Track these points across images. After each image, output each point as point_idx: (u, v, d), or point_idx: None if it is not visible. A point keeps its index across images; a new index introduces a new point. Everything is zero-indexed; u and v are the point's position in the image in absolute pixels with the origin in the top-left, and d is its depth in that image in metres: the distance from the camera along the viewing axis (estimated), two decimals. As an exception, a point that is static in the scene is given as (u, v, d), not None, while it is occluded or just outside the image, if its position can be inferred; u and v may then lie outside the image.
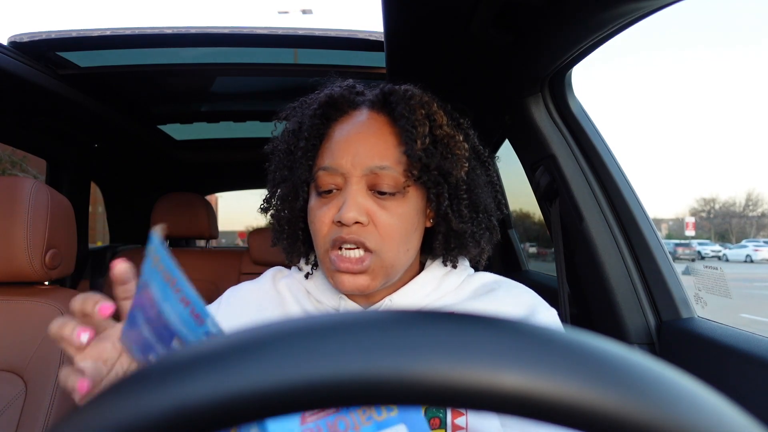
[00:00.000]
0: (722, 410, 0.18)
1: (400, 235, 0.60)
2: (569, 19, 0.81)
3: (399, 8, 0.91)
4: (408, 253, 0.63)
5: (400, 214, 0.60)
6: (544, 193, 1.18)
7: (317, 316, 0.20)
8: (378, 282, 0.61)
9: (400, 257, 0.62)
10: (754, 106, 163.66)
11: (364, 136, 0.61)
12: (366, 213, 0.59)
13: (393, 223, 0.60)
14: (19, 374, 0.94)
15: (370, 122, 0.63)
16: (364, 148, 0.60)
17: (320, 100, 0.65)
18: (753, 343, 0.75)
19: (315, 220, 0.62)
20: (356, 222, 0.59)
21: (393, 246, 0.60)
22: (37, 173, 7.64)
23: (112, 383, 0.19)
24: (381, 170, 0.59)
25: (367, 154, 0.60)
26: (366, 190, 0.60)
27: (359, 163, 0.60)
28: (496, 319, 0.19)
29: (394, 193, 0.60)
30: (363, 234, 0.59)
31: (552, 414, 0.17)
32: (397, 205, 0.61)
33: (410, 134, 0.58)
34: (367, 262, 0.60)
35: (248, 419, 0.18)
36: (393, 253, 0.61)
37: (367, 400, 0.18)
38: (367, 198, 0.60)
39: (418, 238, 0.64)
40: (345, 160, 0.60)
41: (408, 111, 0.60)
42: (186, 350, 0.19)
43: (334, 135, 0.63)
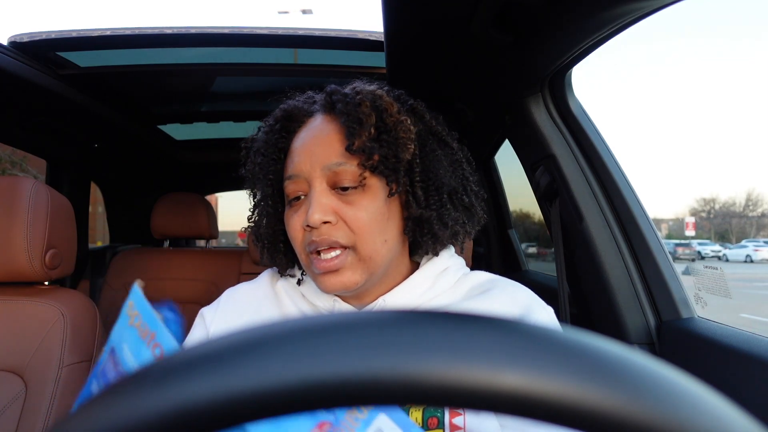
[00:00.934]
0: (722, 410, 0.18)
1: (371, 227, 0.61)
2: (569, 19, 0.81)
3: (399, 8, 0.91)
4: (387, 244, 0.63)
5: (366, 206, 0.61)
6: (544, 193, 1.18)
7: (313, 317, 0.20)
8: (360, 276, 0.61)
9: (378, 249, 0.62)
10: (754, 106, 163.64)
11: (318, 138, 0.63)
12: (332, 212, 0.60)
13: (361, 216, 0.60)
14: (19, 374, 0.94)
15: (323, 125, 0.64)
16: (319, 149, 0.62)
17: (276, 116, 0.67)
18: (753, 343, 0.75)
19: (289, 228, 0.64)
20: (325, 222, 0.60)
21: (367, 238, 0.61)
22: (37, 173, 7.65)
23: (112, 383, 0.19)
24: (337, 167, 0.60)
25: (323, 154, 0.61)
26: (329, 190, 0.61)
27: (317, 164, 0.61)
28: (494, 318, 0.19)
29: (356, 187, 0.61)
30: (334, 233, 0.60)
31: (551, 414, 0.17)
32: (361, 198, 0.61)
33: (352, 129, 0.60)
34: (343, 256, 0.60)
35: (245, 420, 0.18)
36: (369, 246, 0.61)
37: (364, 401, 0.18)
38: (330, 197, 0.61)
39: (395, 229, 0.64)
40: (304, 164, 0.62)
41: (349, 107, 0.61)
42: (185, 351, 0.19)
43: (294, 145, 0.65)
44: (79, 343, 0.98)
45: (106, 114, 1.74)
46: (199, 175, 2.85)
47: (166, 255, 2.06)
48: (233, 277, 1.99)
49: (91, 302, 1.06)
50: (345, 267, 0.61)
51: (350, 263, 0.61)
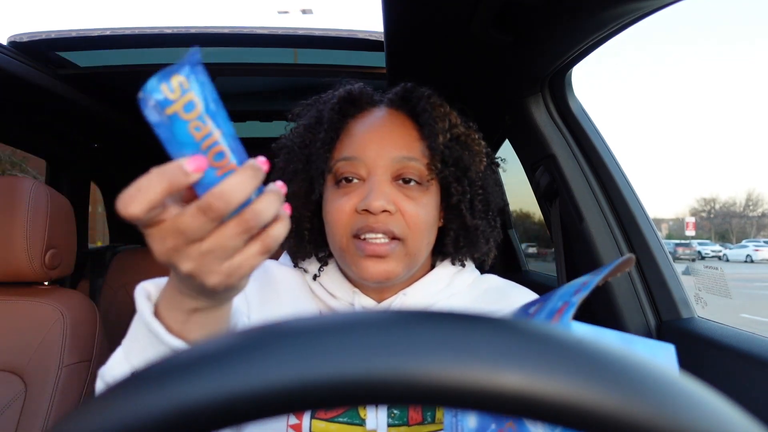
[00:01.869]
0: (722, 410, 0.18)
1: (424, 225, 0.62)
2: (569, 19, 0.81)
3: (399, 8, 0.91)
4: (428, 246, 0.65)
5: (424, 204, 0.62)
6: (544, 193, 1.18)
7: (317, 317, 0.20)
8: (401, 270, 0.62)
9: (422, 248, 0.63)
10: (754, 106, 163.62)
11: (389, 129, 0.63)
12: (393, 202, 0.60)
13: (419, 213, 0.61)
14: (18, 374, 0.94)
15: (392, 117, 0.65)
16: (390, 140, 0.62)
17: (339, 95, 0.66)
18: (753, 343, 0.75)
19: (333, 210, 0.62)
20: (384, 211, 0.59)
21: (418, 235, 0.61)
22: (36, 174, 7.64)
23: (111, 383, 0.19)
24: (408, 161, 0.61)
25: (394, 146, 0.62)
26: (391, 181, 0.62)
27: (385, 155, 0.61)
28: (494, 318, 0.19)
29: (420, 184, 0.62)
30: (390, 222, 0.60)
31: (552, 414, 0.17)
32: (421, 195, 0.62)
33: (433, 129, 0.61)
34: (393, 245, 0.60)
35: (246, 419, 0.18)
36: (418, 242, 0.62)
37: (369, 400, 0.18)
38: (392, 188, 0.61)
39: (434, 234, 0.66)
40: (370, 151, 0.62)
41: (429, 107, 0.62)
42: (185, 351, 0.19)
43: (354, 129, 0.65)
44: (78, 343, 0.98)
45: (106, 114, 1.74)
46: (199, 175, 2.85)
47: (166, 255, 2.05)
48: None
49: (90, 302, 1.06)
50: (392, 256, 0.60)
51: (397, 254, 0.61)
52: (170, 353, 0.20)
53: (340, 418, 0.58)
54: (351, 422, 0.58)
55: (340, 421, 0.58)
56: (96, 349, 1.01)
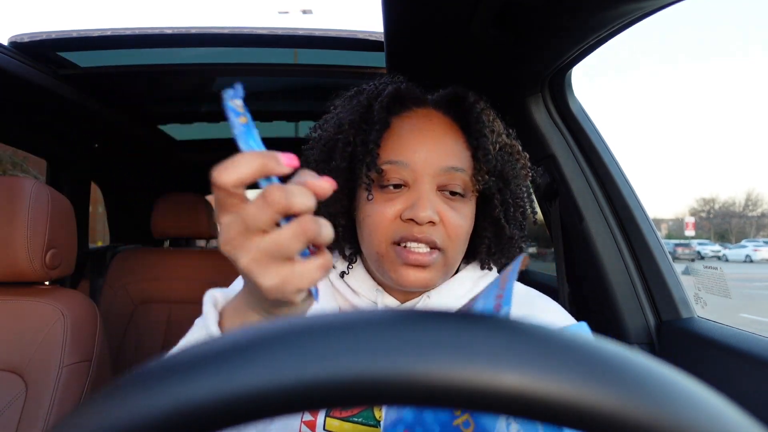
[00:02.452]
0: (722, 410, 0.18)
1: (464, 236, 0.62)
2: (569, 18, 0.81)
3: (399, 8, 0.91)
4: (462, 254, 0.65)
5: (466, 215, 0.62)
6: (544, 193, 1.18)
7: (320, 316, 0.20)
8: (438, 279, 0.62)
9: (458, 257, 0.63)
10: (753, 107, 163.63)
11: (437, 135, 0.61)
12: (437, 212, 0.59)
13: (461, 224, 0.61)
14: (19, 374, 0.94)
15: (440, 122, 0.63)
16: (438, 146, 0.61)
17: (389, 92, 0.63)
18: (753, 343, 0.75)
19: (374, 214, 0.61)
20: (429, 221, 0.59)
21: (458, 246, 0.62)
22: (37, 174, 7.63)
23: (112, 383, 0.19)
24: (454, 171, 0.60)
25: (442, 154, 0.60)
26: (436, 190, 0.61)
27: (433, 163, 0.60)
28: (494, 318, 0.19)
29: (464, 195, 0.62)
30: (434, 233, 0.59)
31: (551, 414, 0.17)
32: (463, 207, 0.62)
33: (484, 141, 0.60)
34: (435, 256, 0.60)
35: (248, 419, 0.18)
36: (456, 252, 0.62)
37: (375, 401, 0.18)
38: (437, 197, 0.60)
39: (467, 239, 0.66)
40: (417, 156, 0.60)
41: (482, 117, 0.61)
42: (185, 351, 0.20)
43: (400, 130, 0.62)
44: (79, 343, 0.98)
45: (106, 114, 1.74)
46: (199, 175, 2.84)
47: (166, 255, 2.06)
48: (233, 277, 1.98)
49: (91, 302, 1.06)
50: (433, 266, 0.60)
51: (438, 264, 0.61)
52: (175, 351, 0.20)
53: (354, 418, 0.58)
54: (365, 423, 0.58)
55: (355, 421, 0.58)
56: (96, 349, 1.01)
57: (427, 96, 0.67)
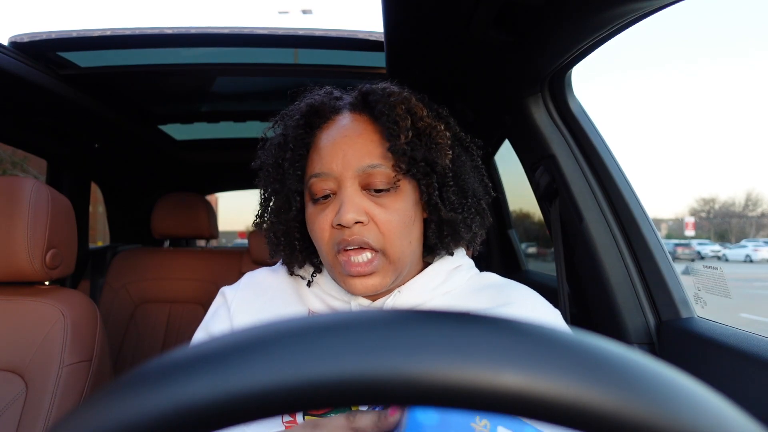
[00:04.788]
0: (722, 410, 0.18)
1: (400, 230, 0.62)
2: (569, 19, 0.81)
3: (399, 8, 0.91)
4: (411, 245, 0.64)
5: (397, 209, 0.62)
6: (544, 193, 1.18)
7: (315, 317, 0.20)
8: (388, 279, 0.63)
9: (404, 251, 0.63)
10: (753, 106, 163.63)
11: (350, 138, 0.63)
12: (364, 212, 0.61)
13: (392, 219, 0.61)
14: (19, 374, 0.94)
15: (354, 124, 0.64)
16: (352, 149, 0.62)
17: (301, 110, 0.66)
18: (753, 343, 0.75)
19: (315, 227, 0.64)
20: (357, 222, 0.60)
21: (395, 241, 0.62)
22: (37, 174, 7.64)
23: (112, 383, 0.19)
24: (372, 169, 0.61)
25: (356, 155, 0.61)
26: (360, 190, 0.62)
27: (349, 165, 0.61)
28: (494, 318, 0.20)
29: (388, 189, 0.62)
30: (365, 233, 0.60)
31: (551, 414, 0.17)
32: (392, 201, 0.62)
33: (392, 130, 0.60)
34: (376, 262, 0.61)
35: (246, 419, 0.18)
36: (397, 248, 0.62)
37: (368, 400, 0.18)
38: (363, 198, 0.61)
39: (419, 229, 0.66)
40: (335, 163, 0.62)
41: (387, 108, 0.61)
42: (185, 351, 0.20)
43: (321, 142, 0.65)
44: (79, 343, 0.98)
45: (106, 114, 1.74)
46: (199, 175, 2.85)
47: (166, 255, 2.06)
48: (233, 277, 1.98)
49: (91, 302, 1.06)
50: (376, 272, 0.62)
51: (381, 267, 0.62)
52: (172, 351, 0.20)
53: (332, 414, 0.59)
54: None
55: None
56: (96, 349, 1.01)
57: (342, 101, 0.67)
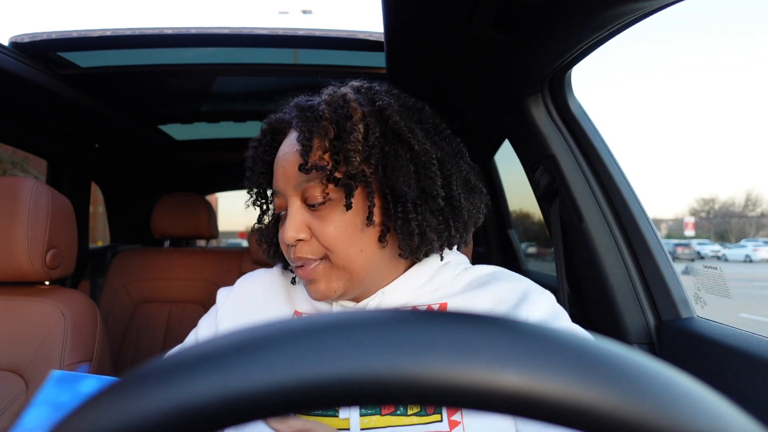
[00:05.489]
0: (722, 410, 0.18)
1: (341, 241, 0.60)
2: (569, 19, 0.81)
3: (399, 8, 0.91)
4: (364, 253, 0.61)
5: (333, 220, 0.60)
6: (544, 193, 1.18)
7: (314, 317, 0.20)
8: (337, 284, 0.62)
9: (353, 258, 0.61)
10: (753, 106, 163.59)
11: (288, 155, 0.63)
12: (306, 228, 0.61)
13: (329, 231, 0.60)
14: (19, 374, 0.94)
15: (293, 141, 0.63)
16: (290, 166, 0.62)
17: (263, 129, 0.68)
18: (753, 343, 0.75)
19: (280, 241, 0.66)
20: (299, 240, 0.61)
21: (339, 251, 0.60)
22: (37, 174, 7.64)
23: (112, 383, 0.19)
24: (305, 184, 0.61)
25: (292, 172, 0.61)
26: (303, 206, 0.62)
27: (289, 182, 0.62)
28: (494, 318, 0.20)
29: (323, 202, 0.61)
30: (305, 250, 0.61)
31: (551, 414, 0.17)
32: (329, 212, 0.61)
33: (306, 148, 0.59)
34: (314, 266, 0.62)
35: (247, 419, 0.18)
36: (341, 257, 0.61)
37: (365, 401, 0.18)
38: (304, 213, 0.62)
39: (372, 236, 0.62)
40: (279, 182, 0.63)
41: (306, 123, 0.61)
42: (186, 351, 0.20)
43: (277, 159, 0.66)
44: (79, 343, 0.98)
45: (106, 114, 1.74)
46: (199, 175, 2.85)
47: (166, 255, 2.06)
48: (233, 277, 1.98)
49: (91, 302, 1.06)
50: (319, 276, 0.62)
51: (323, 271, 0.62)
52: (173, 351, 0.20)
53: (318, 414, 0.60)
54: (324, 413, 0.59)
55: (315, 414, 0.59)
56: (96, 349, 1.01)
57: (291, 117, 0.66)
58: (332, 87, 0.66)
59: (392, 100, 0.63)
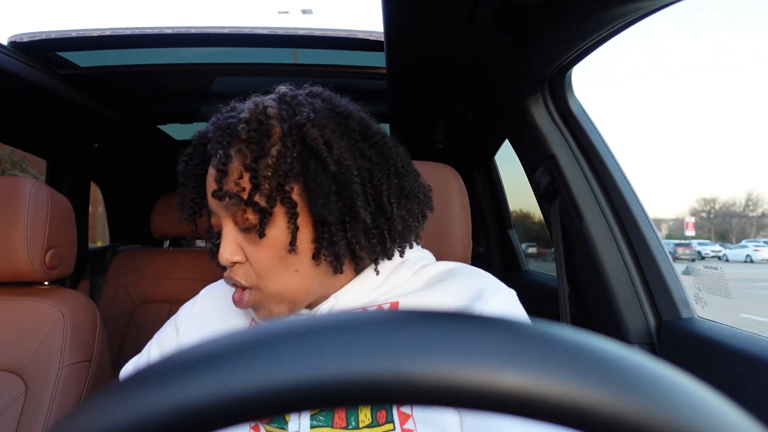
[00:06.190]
0: (722, 410, 0.18)
1: (273, 265, 0.57)
2: (569, 19, 0.81)
3: (399, 8, 0.91)
4: (300, 273, 0.58)
5: (265, 244, 0.57)
6: (544, 193, 1.18)
7: (318, 317, 0.20)
8: (280, 308, 0.59)
9: (287, 281, 0.58)
10: (754, 106, 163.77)
11: (211, 176, 0.59)
12: (240, 250, 0.58)
13: (261, 256, 0.57)
14: (19, 374, 0.94)
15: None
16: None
17: (193, 143, 0.64)
18: (753, 343, 0.75)
19: None
20: (235, 262, 0.58)
21: (272, 277, 0.58)
22: (37, 173, 7.65)
23: (112, 383, 0.19)
24: (234, 207, 0.57)
25: None
26: (236, 227, 0.58)
27: (220, 206, 0.58)
28: (493, 318, 0.19)
29: (252, 227, 0.57)
30: (239, 273, 0.58)
31: (551, 414, 0.17)
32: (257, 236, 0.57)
33: (221, 174, 0.56)
34: (247, 297, 0.59)
35: (247, 419, 0.18)
36: (274, 285, 0.58)
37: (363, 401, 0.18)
38: (237, 235, 0.58)
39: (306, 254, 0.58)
40: (210, 201, 0.60)
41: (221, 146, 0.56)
42: (186, 351, 0.19)
43: None
44: (79, 343, 0.98)
45: (106, 114, 1.74)
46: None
47: (166, 255, 2.06)
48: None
49: (91, 302, 1.06)
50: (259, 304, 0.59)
51: (261, 299, 0.59)
52: (174, 352, 0.20)
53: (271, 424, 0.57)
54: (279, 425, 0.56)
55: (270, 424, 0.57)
56: (96, 349, 1.01)
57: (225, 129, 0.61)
58: (256, 97, 0.62)
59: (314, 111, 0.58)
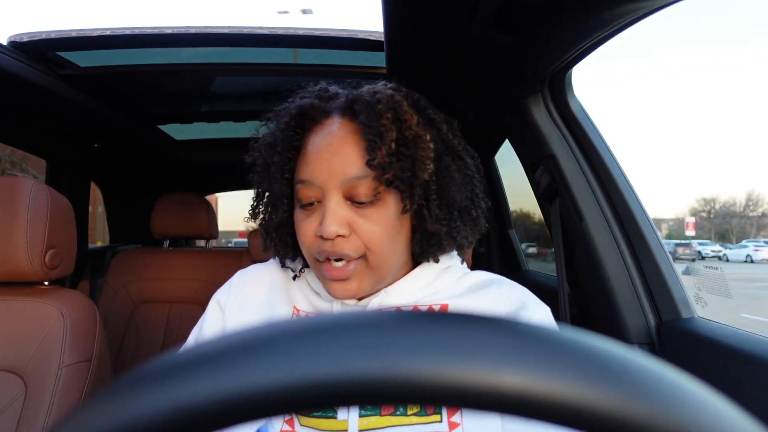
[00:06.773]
0: (723, 410, 0.18)
1: (383, 241, 0.60)
2: (569, 19, 0.81)
3: (399, 8, 0.91)
4: (396, 255, 0.63)
5: (379, 220, 0.60)
6: (544, 193, 1.18)
7: (315, 317, 0.20)
8: (367, 284, 0.62)
9: (387, 259, 0.62)
10: (754, 106, 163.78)
11: (336, 147, 0.61)
12: (346, 224, 0.59)
13: (374, 230, 0.60)
14: (18, 374, 0.94)
15: (341, 132, 0.62)
16: (337, 159, 0.60)
17: (291, 112, 0.64)
18: (753, 343, 0.75)
19: (300, 232, 0.63)
20: (339, 235, 0.59)
21: (378, 251, 0.60)
22: (36, 173, 7.65)
23: (111, 383, 0.19)
24: (355, 180, 0.59)
25: (341, 166, 0.59)
26: (344, 201, 0.60)
27: (334, 176, 0.60)
28: (493, 318, 0.19)
29: (372, 201, 0.60)
30: (345, 246, 0.60)
31: (550, 414, 0.17)
32: (375, 212, 0.60)
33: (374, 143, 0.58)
34: (352, 266, 0.60)
35: (247, 419, 0.18)
36: (378, 257, 0.61)
37: (366, 401, 0.18)
38: (345, 209, 0.60)
39: (405, 237, 0.64)
40: (320, 173, 0.60)
41: (372, 118, 0.59)
42: (186, 351, 0.19)
43: (308, 146, 0.63)
44: (79, 343, 0.98)
45: (106, 114, 1.74)
46: (199, 175, 2.85)
47: (166, 255, 2.06)
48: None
49: (91, 302, 1.06)
50: (354, 276, 0.61)
51: (359, 272, 0.61)
52: (174, 351, 0.20)
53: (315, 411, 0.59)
54: (324, 415, 0.59)
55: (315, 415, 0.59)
56: (96, 349, 1.01)
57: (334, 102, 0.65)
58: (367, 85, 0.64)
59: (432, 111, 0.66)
